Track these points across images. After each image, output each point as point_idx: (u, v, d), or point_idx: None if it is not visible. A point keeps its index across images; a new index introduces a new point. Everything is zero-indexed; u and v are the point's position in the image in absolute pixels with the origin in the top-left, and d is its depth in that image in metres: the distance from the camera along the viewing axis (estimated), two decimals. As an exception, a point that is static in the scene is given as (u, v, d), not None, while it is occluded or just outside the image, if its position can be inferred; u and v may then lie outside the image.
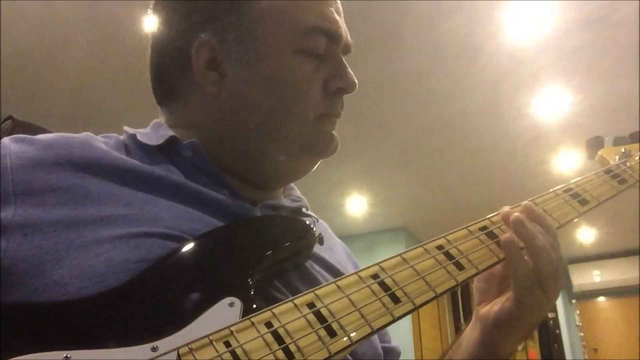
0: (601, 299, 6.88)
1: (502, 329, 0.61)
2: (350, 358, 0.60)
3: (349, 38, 0.70)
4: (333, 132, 0.69)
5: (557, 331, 6.12)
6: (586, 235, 5.91)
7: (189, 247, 0.53)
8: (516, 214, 0.63)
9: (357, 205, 5.07)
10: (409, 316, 0.55)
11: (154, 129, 0.68)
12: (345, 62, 0.69)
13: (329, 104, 0.67)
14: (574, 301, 6.87)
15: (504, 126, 3.81)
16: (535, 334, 6.13)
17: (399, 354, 0.77)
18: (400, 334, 4.77)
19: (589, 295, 6.84)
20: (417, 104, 3.57)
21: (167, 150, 0.64)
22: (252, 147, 0.66)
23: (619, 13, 2.73)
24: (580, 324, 6.70)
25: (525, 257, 0.60)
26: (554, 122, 3.72)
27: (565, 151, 4.10)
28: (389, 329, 0.78)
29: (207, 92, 0.65)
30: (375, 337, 0.69)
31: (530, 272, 0.59)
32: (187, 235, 0.55)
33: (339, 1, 0.71)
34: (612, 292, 6.71)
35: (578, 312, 6.80)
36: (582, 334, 6.63)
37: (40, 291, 0.47)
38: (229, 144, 0.66)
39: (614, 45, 2.97)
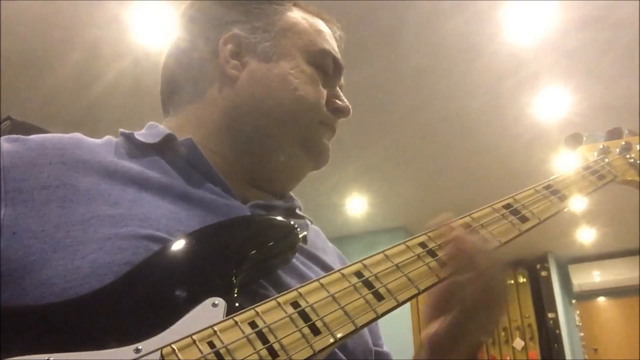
0: (601, 299, 6.88)
1: (445, 348, 0.60)
2: (340, 353, 0.60)
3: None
4: (329, 144, 0.75)
5: (557, 331, 6.11)
6: (586, 235, 5.91)
7: (171, 247, 0.53)
8: (456, 233, 0.62)
9: (357, 205, 5.07)
10: (409, 315, 0.55)
11: (149, 129, 0.71)
12: None
13: (330, 118, 0.74)
14: (574, 301, 6.87)
15: (504, 126, 3.81)
16: (535, 334, 6.13)
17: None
18: (400, 333, 4.77)
19: (589, 295, 6.84)
20: (417, 104, 3.57)
21: (163, 149, 0.66)
22: (258, 136, 0.69)
23: (619, 13, 2.73)
24: (580, 324, 6.70)
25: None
26: (554, 122, 3.72)
27: (565, 151, 4.09)
28: (388, 329, 0.78)
29: (228, 76, 0.70)
30: (366, 332, 0.70)
31: (471, 288, 0.58)
32: (173, 237, 0.55)
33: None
34: (612, 292, 6.71)
35: (578, 312, 6.80)
36: (582, 334, 6.63)
37: (27, 291, 0.48)
38: (233, 135, 0.69)
39: (614, 45, 2.97)
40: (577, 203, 0.73)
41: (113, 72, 3.09)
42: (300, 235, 0.60)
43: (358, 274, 0.53)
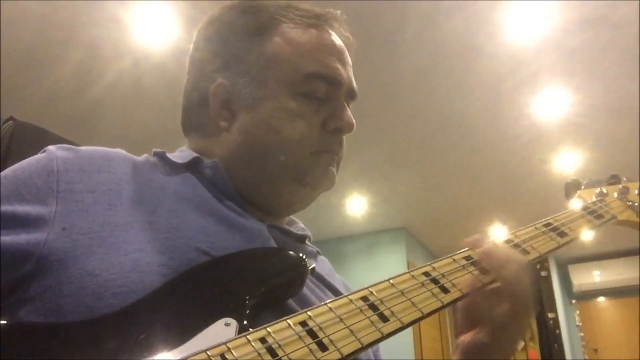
0: (601, 299, 6.88)
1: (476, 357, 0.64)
2: None
3: (353, 85, 0.78)
4: (331, 167, 0.76)
5: (557, 331, 6.11)
6: (586, 235, 5.90)
7: (194, 272, 0.58)
8: (486, 247, 0.66)
9: (357, 205, 5.07)
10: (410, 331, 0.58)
11: (180, 152, 0.78)
12: (346, 105, 0.76)
13: (326, 142, 0.74)
14: (574, 301, 6.87)
15: (504, 126, 3.81)
16: (535, 334, 6.13)
17: None
18: (400, 334, 4.77)
19: (588, 295, 6.84)
20: (417, 104, 3.57)
21: (192, 170, 0.73)
22: (257, 177, 0.74)
23: (619, 13, 2.73)
24: (580, 324, 6.70)
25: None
26: (554, 122, 3.72)
27: (565, 151, 4.10)
28: (389, 339, 0.80)
29: (220, 127, 0.75)
30: (370, 353, 0.75)
31: (500, 309, 0.62)
32: (205, 247, 0.61)
33: (346, 53, 0.79)
34: (612, 292, 6.72)
35: (578, 312, 6.80)
36: (582, 334, 6.64)
37: (71, 279, 0.53)
38: (240, 171, 0.74)
39: (614, 45, 2.98)
40: (576, 239, 0.79)
41: (113, 72, 3.09)
42: (309, 268, 0.65)
43: (364, 298, 0.56)
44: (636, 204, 0.90)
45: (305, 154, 0.72)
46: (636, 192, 0.92)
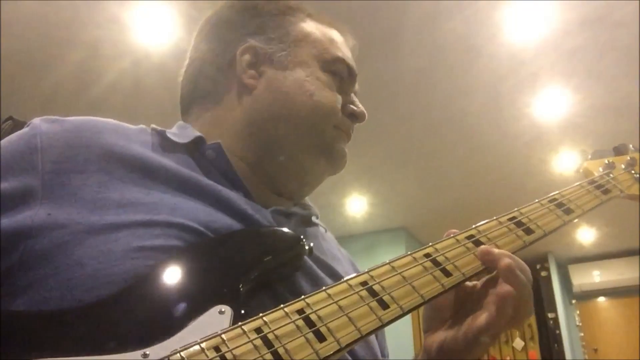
0: (601, 299, 6.88)
1: (448, 355, 0.60)
2: (350, 358, 0.61)
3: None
4: (345, 148, 0.77)
5: (557, 331, 6.12)
6: (586, 235, 5.91)
7: (182, 256, 0.54)
8: (507, 261, 0.59)
9: (357, 205, 5.07)
10: (409, 316, 0.55)
11: (180, 129, 0.73)
12: None
13: (345, 122, 0.76)
14: (574, 301, 6.87)
15: (504, 126, 3.81)
16: (535, 334, 6.14)
17: None
18: (401, 334, 4.78)
19: (589, 295, 6.84)
20: (417, 104, 3.57)
21: (192, 150, 0.69)
22: (278, 142, 0.71)
23: (619, 13, 2.73)
24: (580, 324, 6.70)
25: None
26: (554, 122, 3.72)
27: (565, 151, 4.10)
28: (389, 335, 0.78)
29: (245, 85, 0.73)
30: (375, 342, 0.71)
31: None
32: (202, 227, 0.57)
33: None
34: (612, 292, 6.71)
35: (578, 312, 6.80)
36: (582, 334, 6.63)
37: (60, 269, 0.49)
38: (254, 141, 0.71)
39: (614, 46, 2.97)
40: (583, 216, 0.74)
41: (113, 72, 3.09)
42: (307, 247, 0.62)
43: (364, 283, 0.53)
44: None
45: (330, 126, 0.73)
46: None
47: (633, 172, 0.86)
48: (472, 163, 4.34)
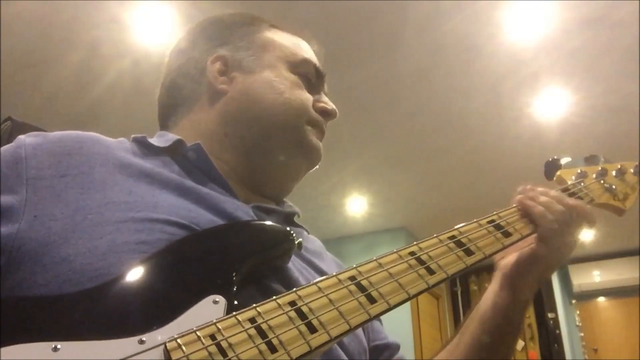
0: (601, 299, 6.88)
1: (522, 269, 0.74)
2: (339, 350, 0.64)
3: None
4: (320, 143, 0.79)
5: (557, 331, 6.11)
6: (586, 235, 5.91)
7: (177, 245, 0.56)
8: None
9: (357, 205, 5.07)
10: (409, 316, 0.57)
11: (160, 137, 0.76)
12: None
13: (317, 119, 0.78)
14: (574, 301, 6.87)
15: (504, 126, 3.81)
16: (535, 334, 6.14)
17: (398, 347, 0.82)
18: (401, 334, 4.77)
19: (588, 295, 6.84)
20: (417, 104, 3.57)
21: (173, 152, 0.71)
22: (252, 141, 0.74)
23: (619, 13, 2.73)
24: (580, 324, 6.70)
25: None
26: (554, 122, 3.72)
27: (565, 151, 4.09)
28: (388, 329, 0.80)
29: (218, 91, 0.76)
30: (360, 331, 0.75)
31: (554, 221, 0.73)
32: (185, 221, 0.59)
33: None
34: (612, 292, 6.72)
35: (578, 312, 6.80)
36: (582, 334, 6.63)
37: (47, 267, 0.52)
38: (230, 141, 0.74)
39: (614, 45, 2.97)
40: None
41: (113, 72, 3.09)
42: (296, 242, 0.64)
43: (352, 278, 0.56)
44: (614, 186, 0.91)
45: (302, 121, 0.76)
46: (614, 174, 0.93)
47: (602, 182, 0.92)
48: (472, 163, 4.34)
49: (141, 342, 0.45)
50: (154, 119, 0.82)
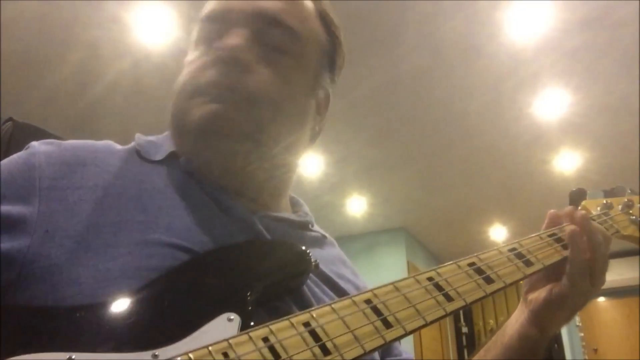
0: (601, 299, 6.88)
1: (552, 308, 0.71)
2: None
3: (257, 7, 0.70)
4: (208, 103, 0.65)
5: (557, 331, 6.11)
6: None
7: (195, 263, 0.57)
8: (583, 212, 0.74)
9: (357, 205, 5.07)
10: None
11: (163, 140, 0.71)
12: (236, 30, 0.70)
13: (192, 83, 0.69)
14: (574, 301, 6.85)
15: (504, 126, 3.81)
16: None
17: None
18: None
19: (589, 295, 6.82)
20: (417, 104, 3.57)
21: (169, 164, 0.66)
22: (190, 150, 0.68)
23: (619, 13, 2.73)
24: (580, 324, 6.69)
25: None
26: (554, 122, 3.72)
27: (565, 151, 4.10)
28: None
29: None
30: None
31: (586, 262, 0.70)
32: (196, 247, 0.58)
33: None
34: (612, 292, 6.71)
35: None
36: (582, 334, 6.63)
37: (57, 287, 0.50)
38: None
39: (613, 45, 2.98)
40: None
41: (113, 72, 3.09)
42: (313, 262, 0.63)
43: (368, 301, 0.55)
44: (639, 218, 0.90)
45: (182, 100, 0.67)
46: (639, 205, 0.92)
47: (629, 214, 0.91)
48: (472, 163, 4.34)
49: (154, 356, 0.46)
50: (153, 119, 0.81)
